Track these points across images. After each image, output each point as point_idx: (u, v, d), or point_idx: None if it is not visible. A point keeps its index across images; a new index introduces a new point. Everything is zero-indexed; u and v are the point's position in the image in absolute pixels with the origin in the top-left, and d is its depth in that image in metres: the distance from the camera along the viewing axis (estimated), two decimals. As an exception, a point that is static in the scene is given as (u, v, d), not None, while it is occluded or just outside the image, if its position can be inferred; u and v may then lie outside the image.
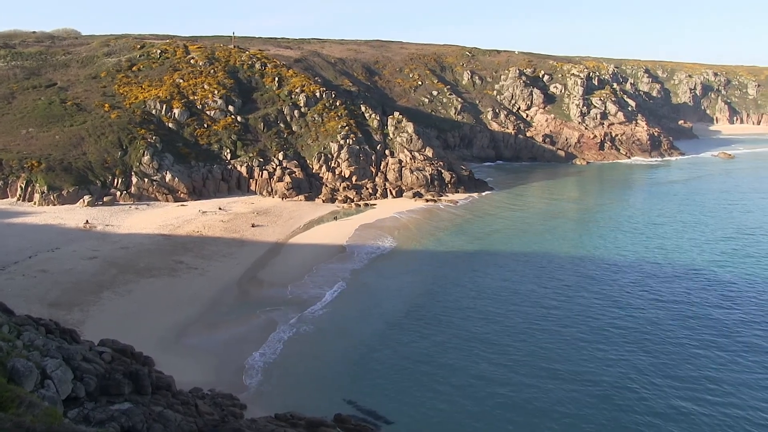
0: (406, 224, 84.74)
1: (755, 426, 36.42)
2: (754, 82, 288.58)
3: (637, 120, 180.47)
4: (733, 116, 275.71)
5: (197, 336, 46.20)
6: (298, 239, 75.03)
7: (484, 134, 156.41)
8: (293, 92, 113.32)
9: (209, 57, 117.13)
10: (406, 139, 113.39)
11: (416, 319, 52.00)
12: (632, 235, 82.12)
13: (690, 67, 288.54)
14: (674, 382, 41.42)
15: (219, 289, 56.18)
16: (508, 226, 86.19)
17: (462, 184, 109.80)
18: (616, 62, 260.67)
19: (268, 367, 42.23)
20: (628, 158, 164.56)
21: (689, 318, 52.91)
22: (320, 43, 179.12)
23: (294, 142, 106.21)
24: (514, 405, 38.46)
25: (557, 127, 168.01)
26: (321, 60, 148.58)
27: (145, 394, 24.89)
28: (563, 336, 48.79)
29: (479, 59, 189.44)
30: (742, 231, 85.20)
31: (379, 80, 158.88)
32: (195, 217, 79.82)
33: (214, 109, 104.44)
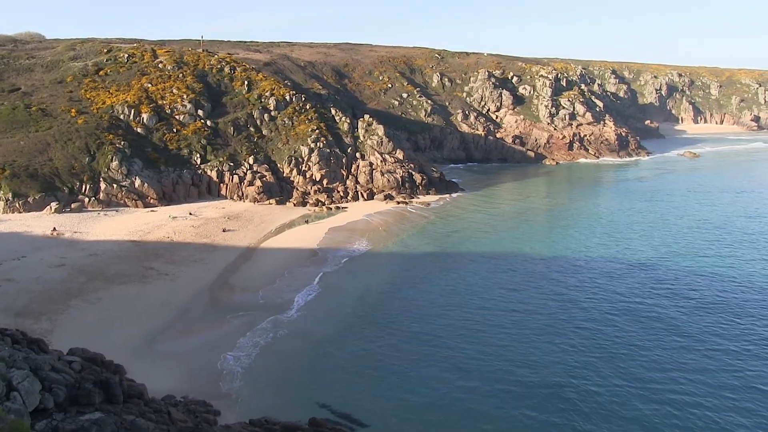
0: (378, 227, 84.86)
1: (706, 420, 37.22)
2: (716, 83, 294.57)
3: (605, 120, 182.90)
4: (697, 116, 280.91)
5: (169, 343, 45.81)
6: (269, 243, 74.72)
7: (455, 136, 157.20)
8: (263, 96, 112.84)
9: (178, 61, 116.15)
10: (376, 141, 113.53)
11: (389, 322, 52.10)
12: (600, 234, 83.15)
13: (655, 68, 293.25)
14: (630, 380, 42.14)
15: (190, 295, 55.74)
16: (479, 227, 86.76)
17: (433, 186, 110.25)
18: (583, 63, 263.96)
19: (242, 373, 42.01)
20: (597, 158, 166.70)
21: (634, 311, 53.86)
22: (290, 46, 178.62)
23: (264, 146, 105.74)
24: (487, 407, 38.73)
25: (527, 128, 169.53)
26: (290, 63, 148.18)
27: (117, 403, 24.62)
28: (540, 339, 49.25)
29: (448, 61, 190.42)
30: (710, 229, 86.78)
31: (349, 83, 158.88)
32: (165, 223, 79.08)
33: (183, 113, 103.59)
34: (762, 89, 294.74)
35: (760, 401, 39.22)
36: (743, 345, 47.61)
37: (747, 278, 64.63)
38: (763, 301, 57.92)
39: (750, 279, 64.37)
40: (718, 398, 39.53)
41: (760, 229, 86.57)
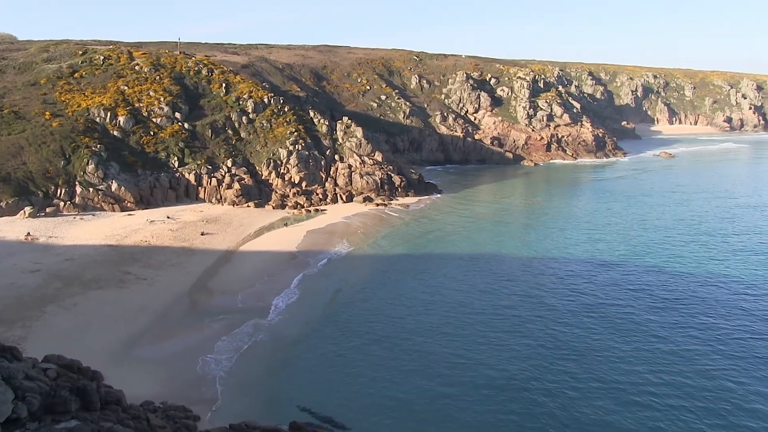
0: (357, 229, 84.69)
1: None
2: (690, 85, 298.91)
3: (582, 121, 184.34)
4: (672, 117, 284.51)
5: (148, 348, 45.29)
6: (248, 247, 74.24)
7: (433, 138, 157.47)
8: (241, 98, 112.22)
9: (154, 63, 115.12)
10: (355, 143, 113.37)
11: (369, 325, 51.95)
12: (577, 236, 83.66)
13: (631, 70, 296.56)
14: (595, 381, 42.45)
15: (169, 299, 55.17)
16: (459, 229, 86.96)
17: (412, 188, 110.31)
18: (560, 65, 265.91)
19: (221, 377, 41.64)
20: (575, 159, 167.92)
21: (606, 311, 54.29)
22: (267, 48, 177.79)
23: (242, 149, 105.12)
24: (468, 410, 38.74)
25: (505, 130, 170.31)
26: (268, 65, 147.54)
27: (94, 410, 24.17)
28: (512, 339, 49.41)
29: (427, 63, 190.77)
30: (686, 229, 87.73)
31: (327, 85, 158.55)
32: (143, 227, 78.26)
33: (160, 116, 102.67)
34: (733, 91, 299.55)
35: (729, 400, 39.54)
36: (714, 345, 47.94)
37: (721, 277, 65.36)
38: (737, 299, 58.60)
39: (724, 277, 65.10)
40: (688, 398, 39.84)
41: (733, 229, 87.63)
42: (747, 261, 71.51)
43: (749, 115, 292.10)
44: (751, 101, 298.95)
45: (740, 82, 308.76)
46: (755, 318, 53.71)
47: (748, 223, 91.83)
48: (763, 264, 70.22)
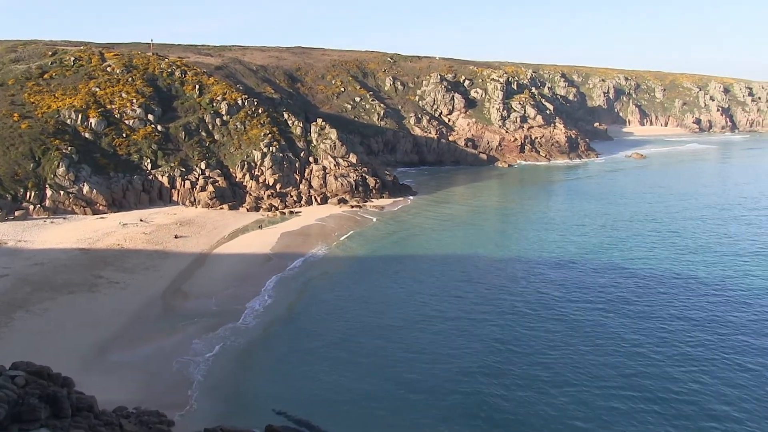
0: (332, 231, 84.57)
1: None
2: (661, 87, 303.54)
3: (556, 123, 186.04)
4: (643, 118, 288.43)
5: (121, 352, 44.81)
6: (222, 249, 73.82)
7: (408, 139, 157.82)
8: (215, 100, 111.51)
9: (127, 64, 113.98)
10: (329, 145, 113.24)
11: (344, 327, 51.97)
12: (551, 237, 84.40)
13: (603, 72, 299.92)
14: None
15: (142, 303, 54.69)
16: (433, 230, 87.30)
17: (387, 190, 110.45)
18: (534, 67, 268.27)
19: (196, 381, 41.35)
20: (548, 160, 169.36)
21: (571, 313, 54.95)
22: (241, 50, 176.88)
23: (216, 151, 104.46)
24: (445, 412, 38.96)
25: (479, 131, 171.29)
26: (242, 67, 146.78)
27: (65, 417, 23.90)
28: (479, 340, 49.76)
29: (401, 65, 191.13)
30: (658, 230, 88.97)
31: (301, 87, 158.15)
32: (115, 230, 77.45)
33: (133, 118, 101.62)
34: (702, 93, 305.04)
35: (689, 401, 40.21)
36: (677, 349, 48.52)
37: (689, 278, 66.39)
38: (703, 300, 59.57)
39: (692, 278, 66.12)
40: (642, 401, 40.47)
41: (704, 229, 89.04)
42: (713, 262, 72.68)
43: (717, 117, 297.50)
44: (719, 103, 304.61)
45: (708, 84, 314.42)
46: (718, 320, 54.65)
47: (717, 223, 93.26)
48: (730, 264, 71.43)
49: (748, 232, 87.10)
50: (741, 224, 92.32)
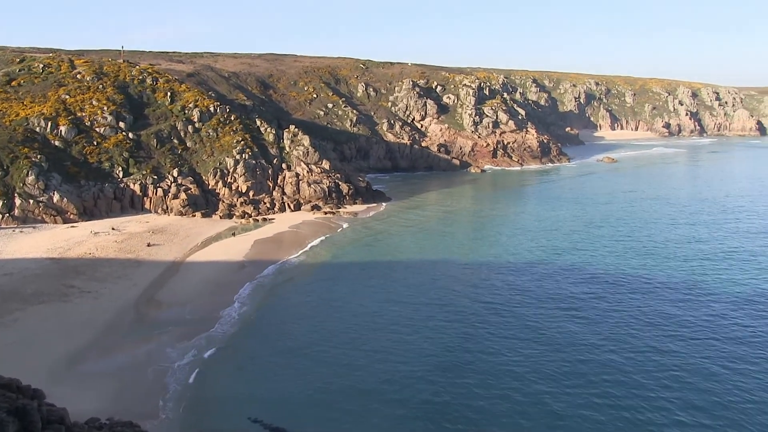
0: (305, 238, 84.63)
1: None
2: (631, 91, 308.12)
3: (528, 128, 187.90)
4: (614, 123, 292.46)
5: (93, 363, 44.58)
6: (196, 257, 73.59)
7: (380, 145, 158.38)
8: (186, 107, 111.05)
9: (97, 72, 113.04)
10: (302, 152, 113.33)
11: (318, 333, 52.16)
12: (521, 241, 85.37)
13: (574, 77, 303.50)
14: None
15: (115, 313, 54.39)
16: (406, 236, 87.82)
17: (360, 196, 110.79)
18: (505, 73, 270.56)
19: (170, 390, 41.30)
20: (521, 165, 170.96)
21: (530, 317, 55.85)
22: (213, 57, 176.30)
23: (189, 158, 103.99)
24: (409, 413, 39.40)
25: (451, 137, 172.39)
26: (214, 74, 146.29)
27: (35, 431, 23.83)
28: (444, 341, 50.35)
29: (373, 71, 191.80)
30: (629, 234, 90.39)
31: (273, 94, 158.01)
32: (86, 239, 76.82)
33: (103, 125, 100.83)
34: (671, 98, 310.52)
35: (638, 397, 41.33)
36: (637, 354, 49.50)
37: (657, 280, 67.66)
38: (671, 302, 60.81)
39: (660, 280, 67.41)
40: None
41: (674, 235, 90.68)
42: (681, 265, 74.17)
43: (686, 121, 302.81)
44: (688, 108, 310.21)
45: (677, 89, 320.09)
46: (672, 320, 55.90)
47: (687, 227, 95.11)
48: (699, 267, 72.97)
49: (717, 236, 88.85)
50: (710, 228, 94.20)
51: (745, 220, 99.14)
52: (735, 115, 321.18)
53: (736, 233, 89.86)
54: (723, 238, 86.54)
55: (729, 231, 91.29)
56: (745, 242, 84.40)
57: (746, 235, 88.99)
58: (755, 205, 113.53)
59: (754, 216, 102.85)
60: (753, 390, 42.01)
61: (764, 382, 43.33)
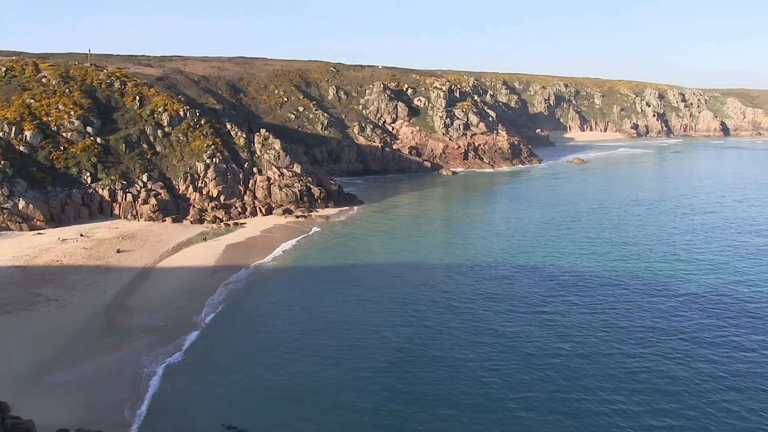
0: (277, 242, 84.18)
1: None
2: (599, 93, 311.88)
3: (498, 130, 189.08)
4: (583, 124, 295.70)
5: (61, 373, 43.79)
6: (167, 263, 72.82)
7: (352, 148, 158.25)
8: (156, 111, 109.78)
9: (63, 75, 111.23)
10: (273, 156, 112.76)
11: (291, 337, 51.97)
12: (492, 243, 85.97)
13: (543, 79, 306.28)
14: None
15: (84, 321, 53.55)
16: (379, 239, 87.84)
17: (332, 199, 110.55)
18: (476, 75, 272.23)
19: (142, 398, 40.79)
20: (492, 167, 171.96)
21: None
22: (182, 60, 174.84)
23: (158, 163, 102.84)
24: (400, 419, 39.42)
25: (423, 139, 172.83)
26: (184, 78, 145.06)
27: (2, 443, 23.39)
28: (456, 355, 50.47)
29: (344, 74, 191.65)
30: (599, 234, 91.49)
31: (244, 97, 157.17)
32: (54, 246, 75.55)
33: (70, 130, 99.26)
34: (639, 99, 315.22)
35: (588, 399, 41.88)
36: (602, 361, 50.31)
37: (627, 278, 68.61)
38: (641, 299, 61.69)
39: (633, 279, 68.38)
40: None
41: (644, 234, 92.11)
42: (649, 266, 75.35)
43: (653, 122, 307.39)
44: (655, 109, 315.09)
45: (644, 90, 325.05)
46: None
47: (653, 226, 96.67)
48: (667, 269, 74.19)
49: (686, 239, 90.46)
50: (679, 229, 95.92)
51: (701, 216, 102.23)
52: (700, 116, 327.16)
53: (696, 231, 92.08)
54: (686, 237, 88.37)
55: (688, 227, 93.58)
56: (706, 239, 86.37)
57: (706, 231, 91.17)
58: (701, 202, 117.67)
59: (704, 212, 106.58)
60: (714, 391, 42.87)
61: (730, 383, 44.21)
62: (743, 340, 51.57)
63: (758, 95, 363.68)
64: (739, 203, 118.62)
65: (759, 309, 59.16)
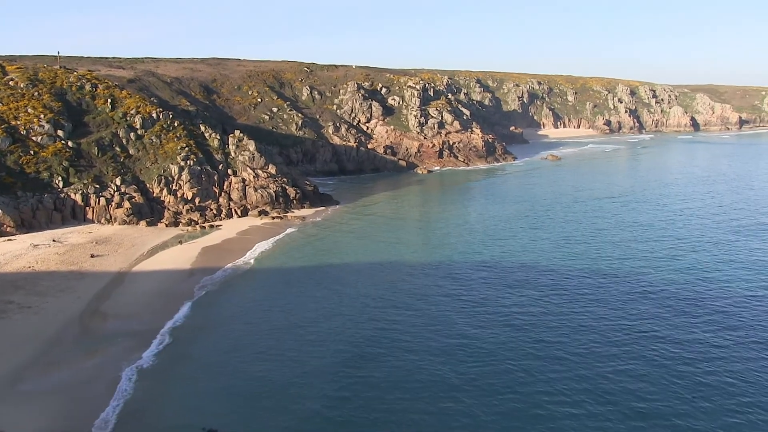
0: (253, 243, 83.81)
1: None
2: (572, 90, 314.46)
3: (473, 128, 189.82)
4: (557, 121, 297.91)
5: (35, 380, 43.23)
6: (142, 267, 72.16)
7: (327, 148, 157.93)
8: (128, 114, 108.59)
9: (32, 78, 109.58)
10: (248, 157, 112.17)
11: (268, 340, 51.82)
12: (467, 241, 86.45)
13: (517, 77, 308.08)
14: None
15: (58, 327, 52.91)
16: (353, 239, 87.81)
17: (307, 200, 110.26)
18: (449, 74, 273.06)
19: (117, 404, 40.42)
20: (467, 165, 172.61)
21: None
22: (155, 62, 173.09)
23: (132, 166, 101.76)
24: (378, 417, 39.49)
25: (397, 138, 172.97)
26: (156, 80, 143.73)
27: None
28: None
29: (318, 74, 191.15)
30: (575, 232, 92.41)
31: (217, 99, 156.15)
32: (25, 252, 74.45)
33: (40, 134, 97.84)
34: (611, 96, 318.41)
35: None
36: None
37: (601, 273, 69.42)
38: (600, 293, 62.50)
39: (607, 274, 69.19)
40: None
41: (619, 230, 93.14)
42: (624, 263, 76.33)
43: (625, 119, 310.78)
44: (627, 105, 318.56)
45: (616, 87, 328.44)
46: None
47: (625, 222, 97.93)
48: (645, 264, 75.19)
49: (658, 235, 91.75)
50: (651, 225, 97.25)
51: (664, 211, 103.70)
52: (671, 112, 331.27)
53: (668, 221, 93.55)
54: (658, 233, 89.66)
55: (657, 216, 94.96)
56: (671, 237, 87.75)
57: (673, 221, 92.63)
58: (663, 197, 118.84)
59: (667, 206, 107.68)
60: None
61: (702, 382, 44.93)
62: (712, 336, 52.45)
63: (726, 91, 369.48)
64: (687, 199, 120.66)
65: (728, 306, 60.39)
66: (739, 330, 53.01)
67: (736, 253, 77.82)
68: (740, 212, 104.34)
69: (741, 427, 38.03)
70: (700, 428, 37.85)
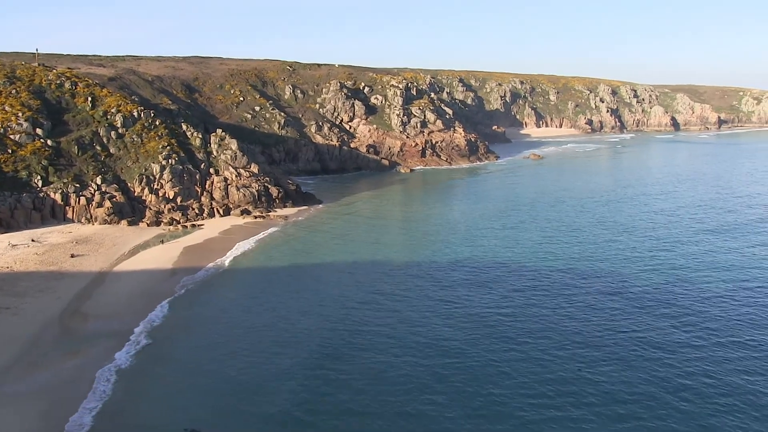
0: (235, 243, 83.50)
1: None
2: (554, 90, 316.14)
3: (455, 127, 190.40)
4: (539, 120, 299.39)
5: (14, 383, 42.73)
6: (123, 266, 71.67)
7: (309, 147, 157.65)
8: (109, 112, 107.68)
9: (9, 76, 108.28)
10: (230, 156, 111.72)
11: (250, 340, 51.70)
12: (452, 241, 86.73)
13: (499, 76, 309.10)
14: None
15: (38, 328, 52.40)
16: (337, 239, 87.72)
17: (290, 199, 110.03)
18: (432, 73, 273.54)
19: (99, 407, 40.13)
20: (450, 164, 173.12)
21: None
22: (136, 60, 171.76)
23: (113, 165, 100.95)
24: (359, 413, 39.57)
25: (380, 137, 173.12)
26: (137, 78, 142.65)
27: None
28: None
29: (300, 73, 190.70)
30: (558, 230, 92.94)
31: (199, 97, 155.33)
32: (3, 252, 73.67)
33: (18, 132, 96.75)
34: (593, 95, 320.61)
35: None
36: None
37: (586, 273, 70.00)
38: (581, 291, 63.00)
39: (591, 274, 69.75)
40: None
41: (603, 228, 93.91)
42: (606, 264, 76.99)
43: (607, 118, 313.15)
44: (608, 105, 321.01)
45: (598, 87, 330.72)
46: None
47: (605, 221, 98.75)
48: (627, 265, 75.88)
49: (638, 234, 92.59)
50: (630, 225, 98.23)
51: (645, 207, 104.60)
52: (652, 112, 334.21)
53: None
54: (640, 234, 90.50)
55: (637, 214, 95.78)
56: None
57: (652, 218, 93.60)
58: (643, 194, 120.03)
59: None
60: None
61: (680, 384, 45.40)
62: (690, 336, 52.99)
63: (705, 91, 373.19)
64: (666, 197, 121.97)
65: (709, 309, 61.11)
66: (717, 330, 53.47)
67: (715, 254, 78.54)
68: (719, 212, 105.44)
69: (719, 429, 38.34)
70: (680, 430, 38.16)
